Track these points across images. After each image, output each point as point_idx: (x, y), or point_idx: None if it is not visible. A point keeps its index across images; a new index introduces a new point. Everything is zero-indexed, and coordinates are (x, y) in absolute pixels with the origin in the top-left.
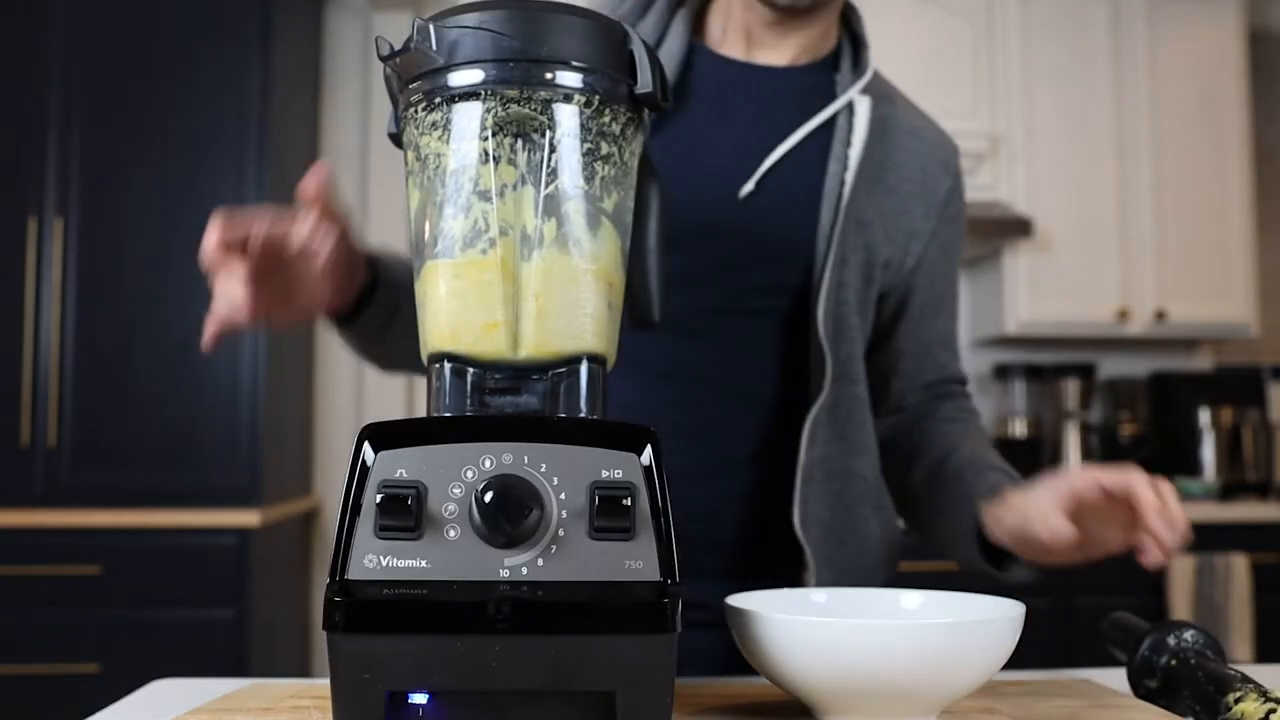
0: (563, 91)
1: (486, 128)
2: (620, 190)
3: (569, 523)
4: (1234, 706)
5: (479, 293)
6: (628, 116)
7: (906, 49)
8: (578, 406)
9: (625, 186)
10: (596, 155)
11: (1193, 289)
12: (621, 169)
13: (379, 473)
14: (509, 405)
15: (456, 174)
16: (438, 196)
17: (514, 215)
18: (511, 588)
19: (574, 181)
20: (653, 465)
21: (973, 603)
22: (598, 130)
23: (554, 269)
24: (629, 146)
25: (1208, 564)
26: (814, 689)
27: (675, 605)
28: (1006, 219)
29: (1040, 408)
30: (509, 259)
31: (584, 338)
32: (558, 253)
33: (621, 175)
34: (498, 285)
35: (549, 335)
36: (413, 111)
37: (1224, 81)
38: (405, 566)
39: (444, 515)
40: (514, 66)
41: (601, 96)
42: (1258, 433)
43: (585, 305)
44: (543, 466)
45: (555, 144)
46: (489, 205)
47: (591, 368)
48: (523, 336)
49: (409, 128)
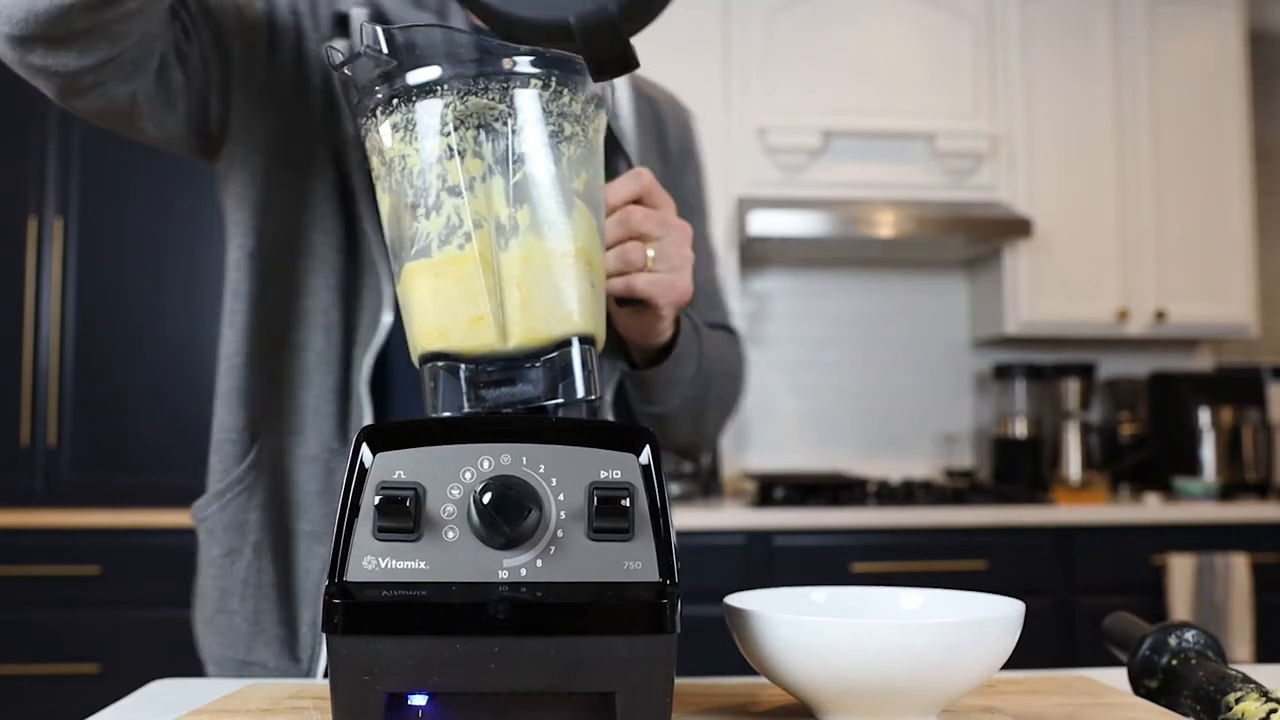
0: (520, 77)
1: (448, 123)
2: (588, 169)
3: (568, 523)
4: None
5: (461, 288)
6: (588, 95)
7: (906, 49)
8: (574, 389)
9: (593, 165)
10: (561, 137)
11: (1193, 289)
12: (587, 148)
13: (377, 474)
14: (506, 396)
15: (424, 173)
16: (408, 198)
17: (486, 207)
18: (510, 589)
19: (541, 166)
20: (651, 465)
21: (973, 602)
22: (559, 112)
23: (532, 255)
24: (592, 124)
25: (1208, 564)
26: (814, 689)
27: (675, 605)
28: (1006, 219)
29: (1040, 408)
30: (486, 251)
31: (571, 319)
32: (534, 239)
33: (588, 154)
34: (478, 278)
35: (536, 321)
36: (373, 116)
37: (1224, 81)
38: (404, 568)
39: (442, 516)
40: (469, 58)
41: (558, 77)
42: (1258, 433)
43: (568, 287)
44: (541, 467)
45: (518, 131)
46: (460, 200)
47: (583, 348)
48: (510, 326)
49: (370, 133)
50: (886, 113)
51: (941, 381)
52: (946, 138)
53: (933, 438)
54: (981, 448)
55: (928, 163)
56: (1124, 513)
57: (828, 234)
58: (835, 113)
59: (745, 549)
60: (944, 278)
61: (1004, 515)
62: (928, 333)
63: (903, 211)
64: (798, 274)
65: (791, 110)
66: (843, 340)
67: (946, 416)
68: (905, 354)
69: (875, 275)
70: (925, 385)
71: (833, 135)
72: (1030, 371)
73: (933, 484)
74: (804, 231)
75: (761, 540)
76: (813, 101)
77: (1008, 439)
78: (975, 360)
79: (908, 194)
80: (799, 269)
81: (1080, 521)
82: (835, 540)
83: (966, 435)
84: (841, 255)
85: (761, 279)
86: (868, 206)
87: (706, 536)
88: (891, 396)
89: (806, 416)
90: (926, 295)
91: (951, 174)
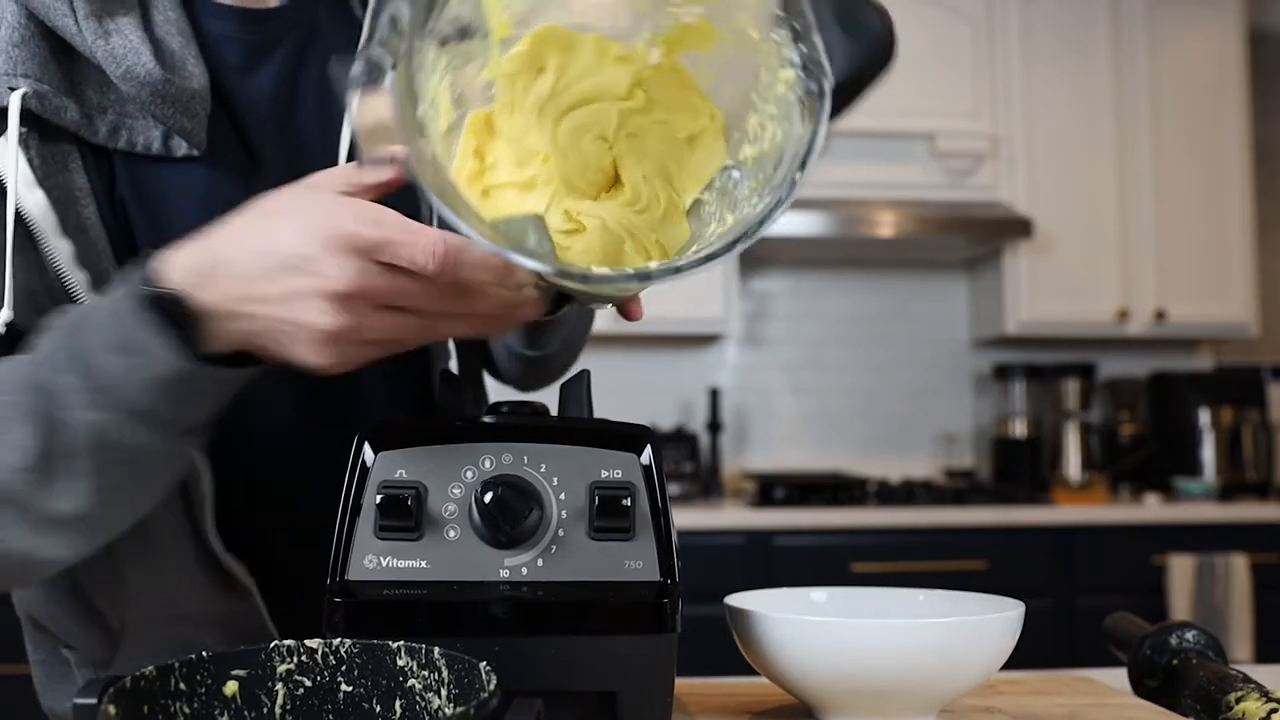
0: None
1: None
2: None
3: (569, 523)
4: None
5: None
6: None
7: (906, 49)
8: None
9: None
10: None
11: (1192, 289)
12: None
13: (379, 473)
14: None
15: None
16: None
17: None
18: (511, 588)
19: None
20: (652, 465)
21: (973, 602)
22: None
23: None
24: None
25: (1208, 564)
26: (814, 689)
27: (675, 605)
28: (1006, 219)
29: (1040, 408)
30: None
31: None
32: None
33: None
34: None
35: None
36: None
37: (1224, 81)
38: (405, 567)
39: (444, 516)
40: None
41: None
42: (1258, 433)
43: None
44: (542, 467)
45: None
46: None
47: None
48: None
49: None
50: (886, 113)
51: (941, 381)
52: (946, 138)
53: (933, 438)
54: (981, 448)
55: (927, 163)
56: (1124, 513)
57: (827, 234)
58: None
59: (745, 549)
60: (944, 278)
61: (1004, 515)
62: (928, 333)
63: (902, 211)
64: (798, 274)
65: None
66: (843, 340)
67: (946, 416)
68: (905, 354)
69: (875, 275)
70: (925, 385)
71: (832, 135)
72: (1030, 371)
73: (933, 484)
74: (804, 231)
75: (761, 540)
76: None
77: (1007, 439)
78: (975, 360)
79: (907, 194)
80: (799, 269)
81: (1080, 522)
82: (835, 540)
83: (966, 435)
84: (841, 255)
85: (761, 279)
86: (867, 206)
87: (706, 536)
88: (891, 396)
89: (806, 416)
90: (926, 295)
91: (951, 174)
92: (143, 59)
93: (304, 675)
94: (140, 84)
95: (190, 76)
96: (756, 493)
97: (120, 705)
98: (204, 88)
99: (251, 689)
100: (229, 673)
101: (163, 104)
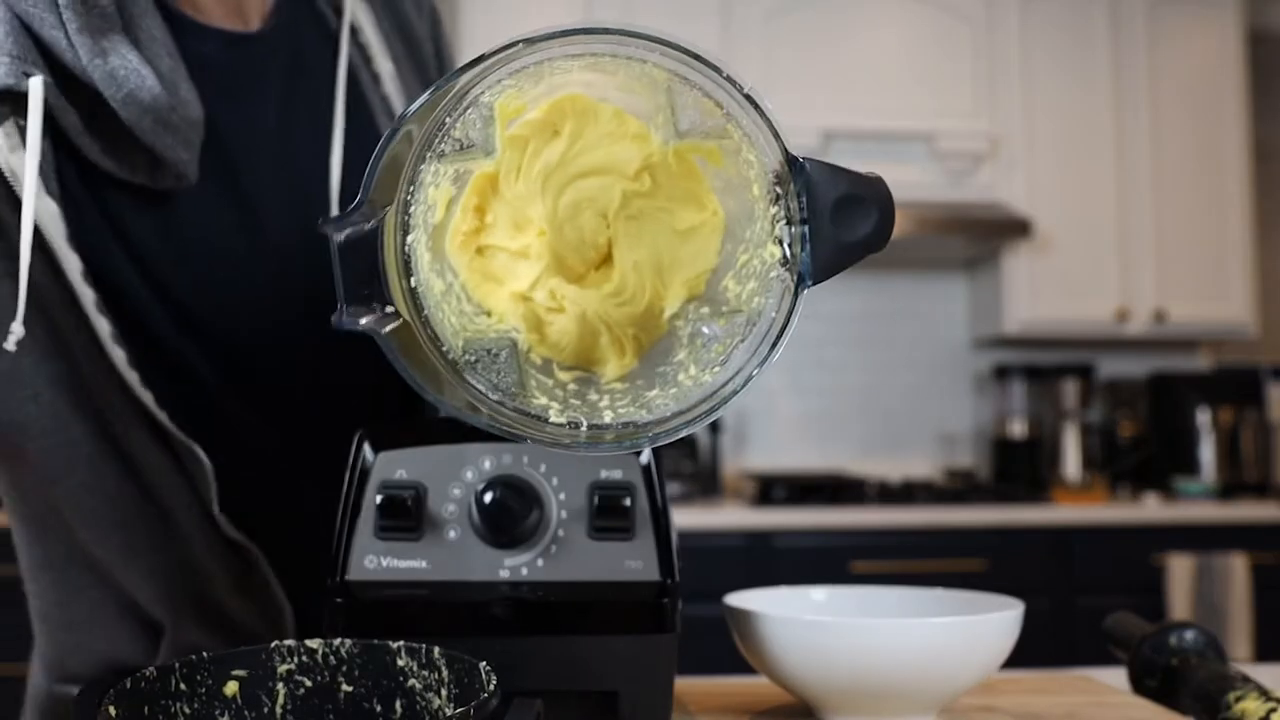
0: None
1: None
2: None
3: (569, 523)
4: (1234, 706)
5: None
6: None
7: (906, 49)
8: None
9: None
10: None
11: (1192, 289)
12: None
13: (379, 473)
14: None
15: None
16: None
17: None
18: (511, 588)
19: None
20: (652, 465)
21: (972, 602)
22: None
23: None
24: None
25: (1207, 564)
26: (814, 689)
27: (675, 605)
28: (1006, 219)
29: (1040, 408)
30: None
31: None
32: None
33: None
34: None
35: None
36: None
37: (1223, 82)
38: (405, 567)
39: (444, 516)
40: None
41: None
42: (1257, 433)
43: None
44: (542, 466)
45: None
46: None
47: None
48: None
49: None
50: (886, 113)
51: (941, 381)
52: (946, 138)
53: (932, 438)
54: (981, 448)
55: (927, 163)
56: (1123, 513)
57: None
58: (835, 113)
59: (745, 549)
60: (944, 278)
61: (1003, 515)
62: (927, 333)
63: (902, 212)
64: None
65: (791, 111)
66: (843, 340)
67: (946, 416)
68: (905, 354)
69: (875, 275)
70: (925, 385)
71: (832, 135)
72: (1029, 372)
73: (932, 484)
74: None
75: (761, 540)
76: (812, 102)
77: (1007, 439)
78: (975, 360)
79: (907, 194)
80: None
81: (1079, 521)
82: (835, 540)
83: (966, 435)
84: None
85: None
86: None
87: (706, 536)
88: (891, 396)
89: (806, 416)
90: (926, 295)
91: (951, 174)
92: (147, 82)
93: (304, 675)
94: (143, 109)
95: (188, 103)
96: (756, 492)
97: (120, 705)
98: (201, 116)
99: (252, 689)
100: (229, 673)
101: (164, 132)
